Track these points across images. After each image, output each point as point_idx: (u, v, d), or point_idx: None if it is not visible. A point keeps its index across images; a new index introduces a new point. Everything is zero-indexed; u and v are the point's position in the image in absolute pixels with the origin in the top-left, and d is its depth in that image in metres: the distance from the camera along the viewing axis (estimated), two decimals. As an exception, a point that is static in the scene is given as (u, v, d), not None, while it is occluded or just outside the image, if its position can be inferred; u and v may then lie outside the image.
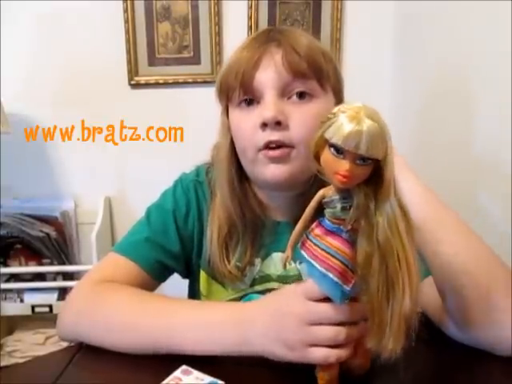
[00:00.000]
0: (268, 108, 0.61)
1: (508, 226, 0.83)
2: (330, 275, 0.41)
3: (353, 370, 0.48)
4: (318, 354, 0.46)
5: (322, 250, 0.42)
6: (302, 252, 0.44)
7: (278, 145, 0.61)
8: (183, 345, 0.54)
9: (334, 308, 0.45)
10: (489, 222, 0.90)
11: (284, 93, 0.63)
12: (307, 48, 0.63)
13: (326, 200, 0.42)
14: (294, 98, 0.63)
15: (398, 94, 1.51)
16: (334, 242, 0.41)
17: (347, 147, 0.36)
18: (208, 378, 0.50)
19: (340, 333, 0.45)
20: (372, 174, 0.39)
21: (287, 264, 0.46)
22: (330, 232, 0.42)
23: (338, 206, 0.40)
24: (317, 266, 0.42)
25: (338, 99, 0.68)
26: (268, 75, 0.62)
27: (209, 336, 0.54)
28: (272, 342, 0.49)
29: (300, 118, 0.61)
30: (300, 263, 0.55)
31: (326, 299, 0.45)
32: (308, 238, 0.44)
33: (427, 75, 1.29)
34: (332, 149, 0.37)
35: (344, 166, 0.36)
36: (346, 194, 0.40)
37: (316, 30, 1.53)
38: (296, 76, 0.62)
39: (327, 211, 0.42)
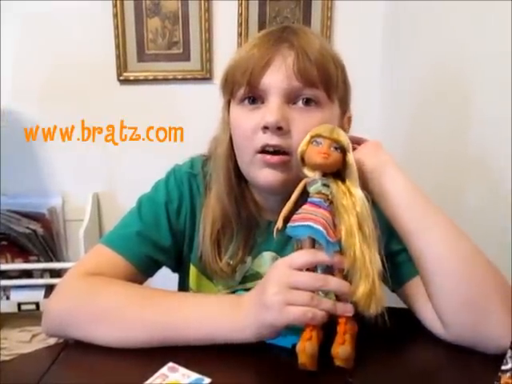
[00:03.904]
0: (271, 112, 0.60)
1: (508, 228, 0.82)
2: (316, 225, 0.51)
3: (338, 359, 0.50)
4: (296, 311, 0.50)
5: (308, 213, 0.52)
6: (290, 224, 0.53)
7: (276, 149, 0.61)
8: (183, 334, 0.56)
9: (312, 276, 0.52)
10: (484, 225, 0.88)
11: (290, 98, 0.61)
12: (319, 54, 0.62)
13: (309, 180, 0.55)
14: (300, 104, 0.62)
15: (388, 93, 1.52)
16: (318, 210, 0.52)
17: (326, 134, 0.54)
18: (194, 375, 0.51)
19: (315, 297, 0.51)
20: (341, 172, 0.55)
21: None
22: (313, 204, 0.53)
23: (319, 182, 0.54)
24: (303, 222, 0.52)
25: (343, 109, 0.67)
26: (277, 78, 0.61)
27: (208, 324, 0.56)
28: (259, 308, 0.53)
29: (302, 125, 0.60)
30: None
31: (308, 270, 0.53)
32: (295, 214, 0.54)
33: (418, 75, 1.30)
34: (314, 142, 0.55)
35: (324, 148, 0.54)
36: (324, 177, 0.54)
37: (306, 28, 1.52)
38: (305, 83, 0.61)
39: (311, 189, 0.54)
